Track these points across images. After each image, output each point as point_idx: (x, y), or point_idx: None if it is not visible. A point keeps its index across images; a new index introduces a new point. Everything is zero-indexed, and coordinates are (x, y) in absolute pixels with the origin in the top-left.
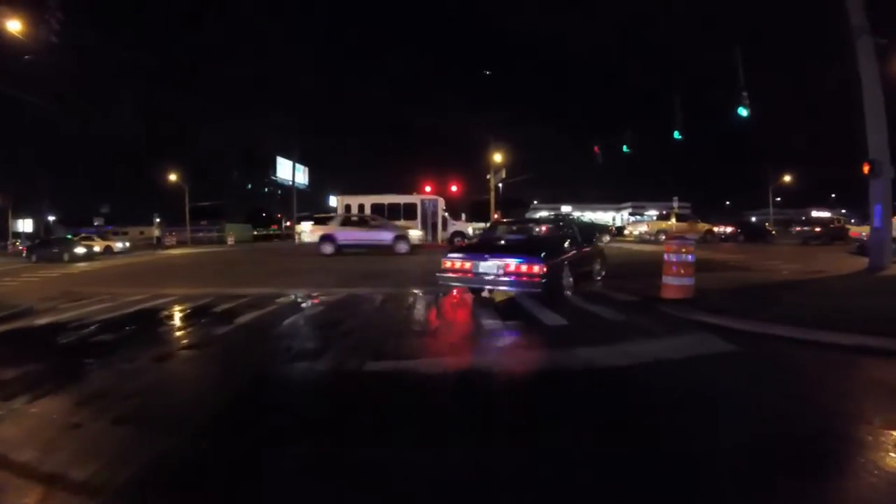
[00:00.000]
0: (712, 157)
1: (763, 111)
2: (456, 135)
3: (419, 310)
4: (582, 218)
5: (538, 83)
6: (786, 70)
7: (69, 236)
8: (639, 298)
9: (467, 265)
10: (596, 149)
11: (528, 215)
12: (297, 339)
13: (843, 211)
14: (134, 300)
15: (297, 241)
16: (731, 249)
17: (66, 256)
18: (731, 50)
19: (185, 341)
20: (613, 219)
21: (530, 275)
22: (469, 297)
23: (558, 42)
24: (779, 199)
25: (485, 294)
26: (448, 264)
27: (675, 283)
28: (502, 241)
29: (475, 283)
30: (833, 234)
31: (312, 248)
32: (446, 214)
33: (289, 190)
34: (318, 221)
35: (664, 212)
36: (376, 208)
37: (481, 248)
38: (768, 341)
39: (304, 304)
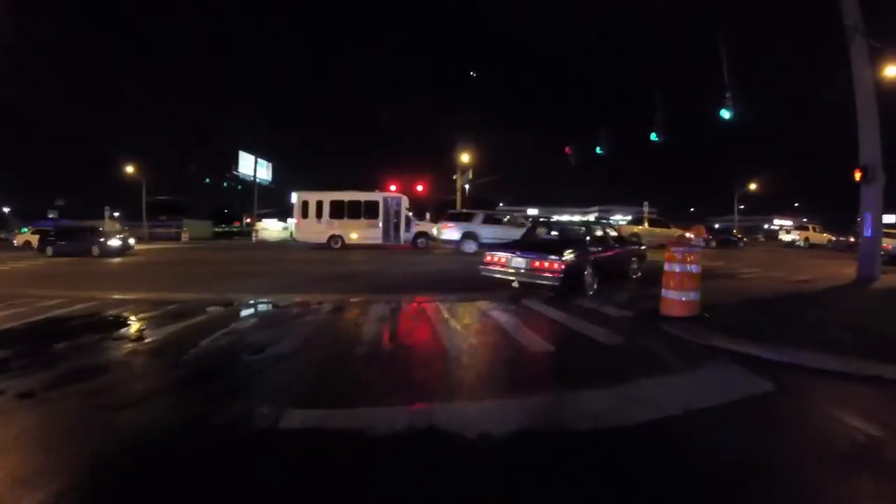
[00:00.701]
0: (679, 162)
1: (735, 117)
2: (424, 135)
3: (372, 327)
4: (554, 221)
5: (507, 84)
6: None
7: (24, 230)
8: (633, 314)
9: (503, 259)
10: (567, 149)
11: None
12: (201, 373)
13: (805, 219)
14: (48, 305)
15: (254, 238)
16: (707, 255)
17: (95, 250)
18: (714, 48)
19: (49, 373)
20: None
21: (551, 270)
22: (433, 308)
23: (528, 43)
24: (742, 206)
25: (515, 285)
26: (488, 258)
27: (678, 299)
28: (537, 240)
29: (509, 275)
30: None
31: (449, 247)
32: (410, 214)
33: (252, 186)
34: (454, 218)
35: (636, 216)
36: (336, 205)
37: (517, 245)
38: (809, 376)
39: (236, 317)
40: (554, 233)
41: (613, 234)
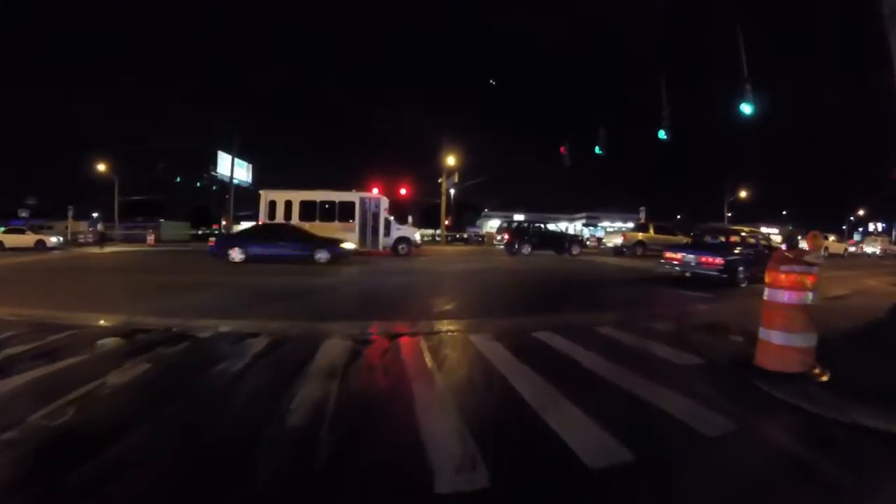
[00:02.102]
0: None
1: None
2: (408, 138)
3: (309, 396)
4: (548, 227)
5: (494, 88)
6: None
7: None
8: (703, 361)
9: (679, 257)
10: (563, 149)
11: (479, 222)
12: None
13: (790, 227)
14: None
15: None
16: None
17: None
18: (733, 38)
19: None
20: (566, 228)
21: (714, 264)
22: (413, 347)
23: (516, 42)
24: (730, 214)
25: (687, 274)
26: (669, 255)
27: (789, 345)
28: (704, 243)
29: (684, 268)
30: None
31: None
32: (390, 218)
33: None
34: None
35: (639, 222)
36: (307, 206)
37: (690, 246)
38: None
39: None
40: (720, 238)
41: (763, 242)
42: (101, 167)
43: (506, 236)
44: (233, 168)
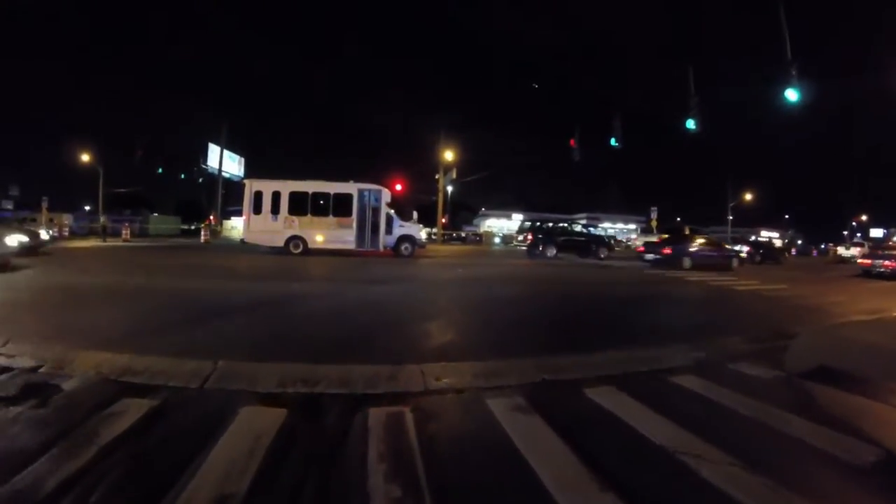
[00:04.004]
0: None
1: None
2: (404, 133)
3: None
4: (574, 227)
5: (490, 85)
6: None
7: None
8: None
9: (868, 262)
10: (572, 142)
11: (476, 221)
12: None
13: (790, 231)
14: None
15: (202, 237)
16: (764, 276)
17: None
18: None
19: None
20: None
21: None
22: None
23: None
24: (731, 217)
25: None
26: (860, 261)
27: None
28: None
29: (872, 269)
30: None
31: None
32: (392, 213)
33: (224, 181)
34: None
35: (649, 221)
36: (297, 199)
37: (874, 254)
38: None
39: None
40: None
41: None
42: (85, 157)
43: (528, 237)
44: (221, 160)
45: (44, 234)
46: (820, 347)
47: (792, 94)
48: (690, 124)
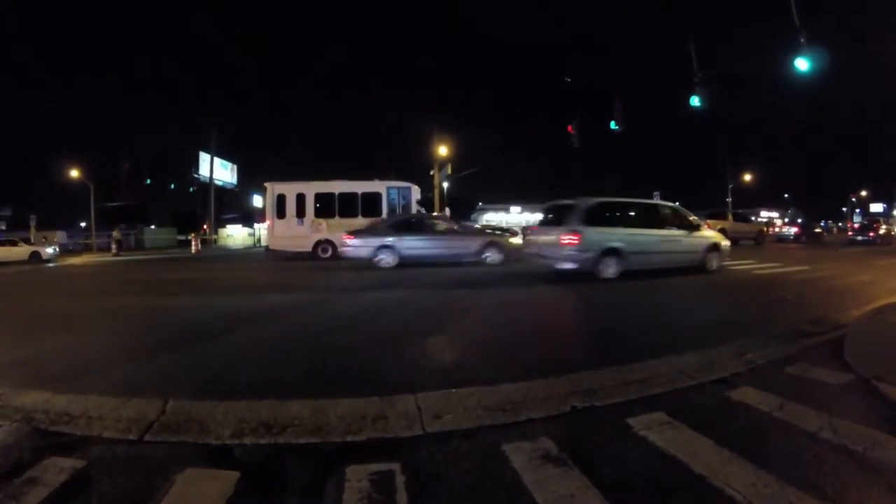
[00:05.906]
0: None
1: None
2: (397, 131)
3: None
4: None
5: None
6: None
7: None
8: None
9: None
10: (570, 128)
11: (474, 216)
12: None
13: (790, 210)
14: None
15: (193, 248)
16: (817, 257)
17: None
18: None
19: None
20: None
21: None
22: None
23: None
24: (729, 199)
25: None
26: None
27: None
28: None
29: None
30: None
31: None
32: (423, 210)
33: (216, 189)
34: None
35: (714, 210)
36: (323, 200)
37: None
38: None
39: None
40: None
41: None
42: (74, 173)
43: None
44: (212, 167)
45: (49, 250)
46: (879, 340)
47: (802, 63)
48: (695, 101)
